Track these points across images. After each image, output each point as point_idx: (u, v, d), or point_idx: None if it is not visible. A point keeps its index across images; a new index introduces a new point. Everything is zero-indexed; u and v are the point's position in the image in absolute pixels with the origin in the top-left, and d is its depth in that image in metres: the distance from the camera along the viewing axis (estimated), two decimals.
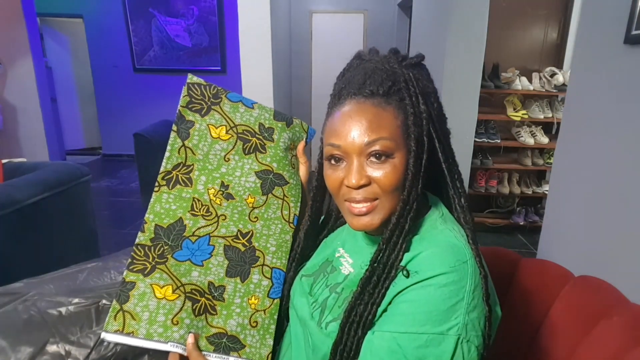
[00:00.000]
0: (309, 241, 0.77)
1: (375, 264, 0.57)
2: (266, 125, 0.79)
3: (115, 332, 0.62)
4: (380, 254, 0.57)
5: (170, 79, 5.08)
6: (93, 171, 2.05)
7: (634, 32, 1.07)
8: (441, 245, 0.56)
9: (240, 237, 0.74)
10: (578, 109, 1.36)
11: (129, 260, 0.69)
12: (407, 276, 0.54)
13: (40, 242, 1.64)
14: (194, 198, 0.72)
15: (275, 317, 0.73)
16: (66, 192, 1.76)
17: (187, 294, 0.69)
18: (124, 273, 0.68)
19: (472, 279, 0.52)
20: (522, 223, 3.07)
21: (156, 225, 0.71)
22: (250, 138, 0.77)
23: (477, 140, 2.89)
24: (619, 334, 0.64)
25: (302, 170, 0.81)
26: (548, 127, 3.10)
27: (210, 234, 0.73)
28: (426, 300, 0.51)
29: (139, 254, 0.69)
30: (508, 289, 0.86)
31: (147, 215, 0.71)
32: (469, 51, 2.58)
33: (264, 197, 0.76)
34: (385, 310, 0.55)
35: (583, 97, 1.33)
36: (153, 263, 0.69)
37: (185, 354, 0.63)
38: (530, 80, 2.94)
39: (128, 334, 0.62)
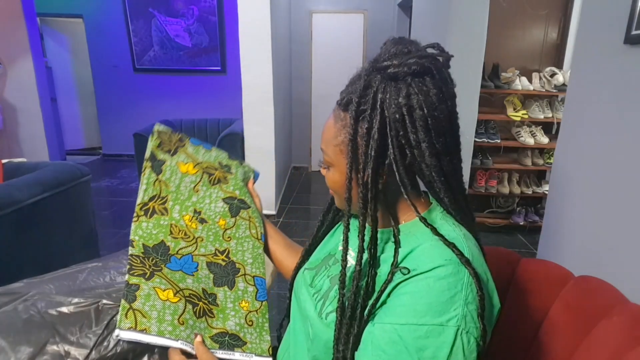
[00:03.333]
0: (316, 239, 0.81)
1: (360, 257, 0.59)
2: (224, 163, 0.92)
3: (129, 329, 0.65)
4: (365, 247, 0.59)
5: (170, 79, 5.09)
6: (93, 171, 2.05)
7: (634, 32, 1.07)
8: (439, 240, 0.56)
9: (219, 254, 0.83)
10: (578, 109, 1.36)
11: (128, 266, 0.75)
12: (407, 273, 0.54)
13: (40, 242, 1.63)
14: (171, 224, 0.80)
15: (267, 316, 0.81)
16: (66, 192, 1.76)
17: (187, 298, 0.74)
18: (126, 277, 0.72)
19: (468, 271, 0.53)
20: (522, 223, 3.07)
21: (143, 244, 0.79)
22: (214, 171, 0.88)
23: (477, 140, 2.89)
24: (619, 334, 0.64)
25: (257, 203, 0.93)
26: (548, 127, 3.10)
27: (192, 254, 0.81)
28: (426, 292, 0.52)
29: (136, 261, 0.76)
30: (508, 289, 0.86)
31: (132, 236, 0.78)
32: (469, 51, 2.58)
33: (233, 219, 0.87)
34: (384, 303, 0.56)
35: (583, 97, 1.33)
36: (150, 270, 0.75)
37: (194, 352, 0.66)
38: (530, 80, 2.93)
39: (141, 331, 0.66)
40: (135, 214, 0.79)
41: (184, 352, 0.67)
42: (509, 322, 0.81)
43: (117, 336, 0.64)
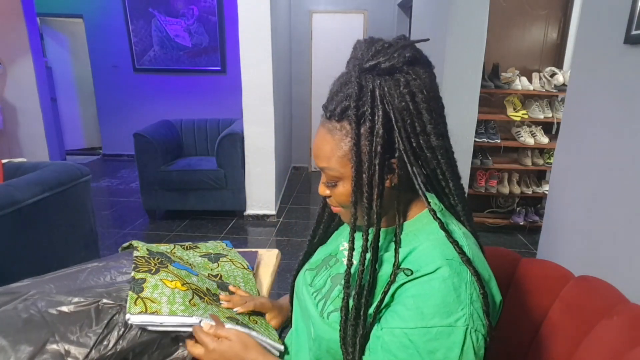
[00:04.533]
0: (316, 239, 0.82)
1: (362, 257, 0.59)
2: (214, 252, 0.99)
3: (139, 313, 0.65)
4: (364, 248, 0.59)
5: (170, 79, 5.09)
6: (93, 171, 2.04)
7: (634, 32, 1.07)
8: (439, 238, 0.57)
9: (213, 277, 0.88)
10: (578, 109, 1.36)
11: (133, 265, 0.76)
12: (410, 274, 0.54)
13: (40, 242, 1.63)
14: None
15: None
16: (66, 192, 1.76)
17: (194, 290, 0.75)
18: (132, 273, 0.74)
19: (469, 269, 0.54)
20: (522, 223, 3.07)
21: (147, 248, 0.84)
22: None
23: (477, 140, 2.89)
24: (619, 334, 0.64)
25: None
26: (548, 127, 3.10)
27: (191, 267, 0.85)
28: (432, 294, 0.52)
29: (141, 261, 0.78)
30: (508, 289, 0.86)
31: (135, 254, 0.82)
32: (469, 51, 2.58)
33: (216, 264, 0.94)
34: (389, 305, 0.56)
35: (583, 97, 1.33)
36: (156, 267, 0.77)
37: (213, 322, 0.67)
38: (530, 80, 2.93)
39: (152, 313, 0.65)
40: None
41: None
42: (509, 322, 0.81)
43: (129, 320, 0.65)
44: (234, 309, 0.78)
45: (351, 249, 0.60)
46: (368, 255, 0.58)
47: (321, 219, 0.79)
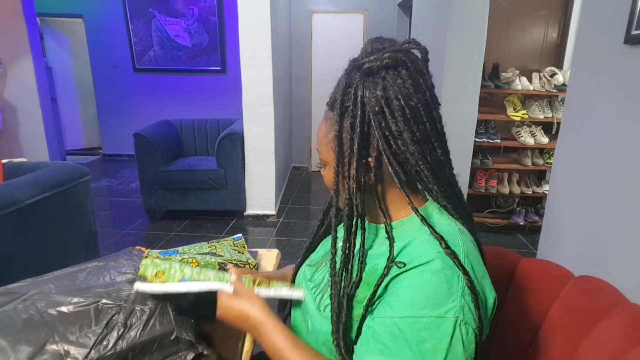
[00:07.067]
0: (317, 236, 0.83)
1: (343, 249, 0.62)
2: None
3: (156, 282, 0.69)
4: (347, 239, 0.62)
5: (170, 79, 5.09)
6: (93, 171, 2.05)
7: (634, 32, 1.07)
8: (434, 232, 0.57)
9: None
10: (578, 109, 1.36)
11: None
12: (403, 266, 0.55)
13: (41, 242, 1.63)
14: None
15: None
16: (66, 192, 1.76)
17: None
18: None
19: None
20: (522, 223, 3.07)
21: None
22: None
23: (477, 140, 2.89)
24: (619, 334, 0.64)
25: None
26: (548, 127, 3.10)
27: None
28: (423, 286, 0.53)
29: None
30: (508, 289, 0.86)
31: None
32: (469, 51, 2.58)
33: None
34: (381, 296, 0.57)
35: (583, 97, 1.33)
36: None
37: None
38: (530, 80, 2.93)
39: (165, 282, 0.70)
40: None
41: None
42: (509, 322, 0.81)
43: (138, 288, 0.69)
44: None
45: (334, 238, 0.63)
46: (356, 245, 0.60)
47: (330, 205, 0.81)
